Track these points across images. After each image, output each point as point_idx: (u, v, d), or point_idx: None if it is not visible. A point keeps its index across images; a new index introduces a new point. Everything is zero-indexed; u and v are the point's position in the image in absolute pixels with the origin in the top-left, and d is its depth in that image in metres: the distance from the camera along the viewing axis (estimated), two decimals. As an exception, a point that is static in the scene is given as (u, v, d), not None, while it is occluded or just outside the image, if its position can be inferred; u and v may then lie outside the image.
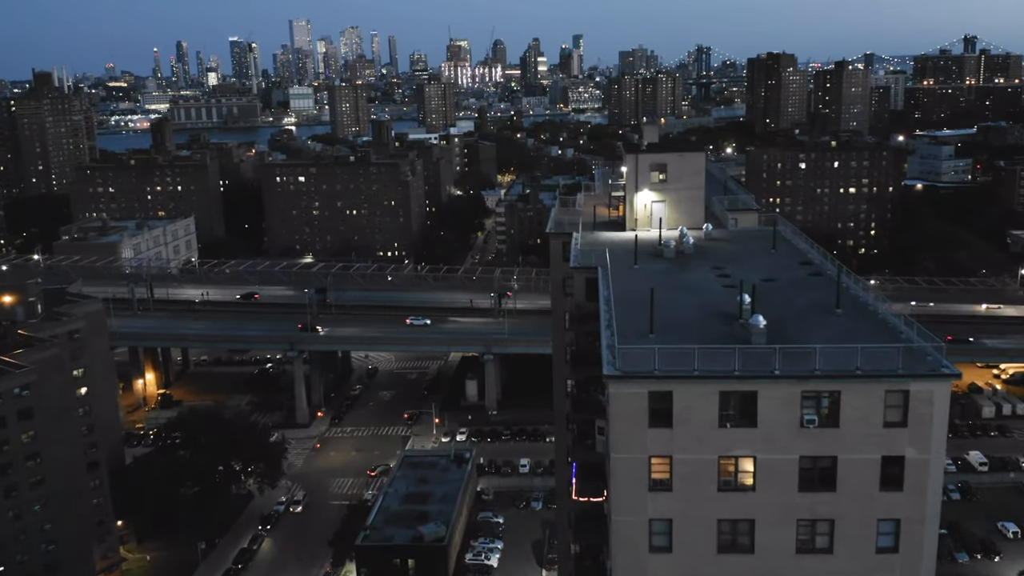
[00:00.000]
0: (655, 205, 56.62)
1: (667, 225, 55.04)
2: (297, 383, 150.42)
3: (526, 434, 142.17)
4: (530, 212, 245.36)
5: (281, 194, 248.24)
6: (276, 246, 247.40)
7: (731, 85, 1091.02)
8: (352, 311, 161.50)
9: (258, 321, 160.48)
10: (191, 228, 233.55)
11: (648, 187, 56.69)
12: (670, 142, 67.30)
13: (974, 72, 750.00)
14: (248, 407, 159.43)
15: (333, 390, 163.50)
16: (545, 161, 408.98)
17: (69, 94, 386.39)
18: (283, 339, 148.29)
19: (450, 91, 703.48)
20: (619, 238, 55.76)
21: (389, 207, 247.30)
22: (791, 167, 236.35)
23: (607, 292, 42.09)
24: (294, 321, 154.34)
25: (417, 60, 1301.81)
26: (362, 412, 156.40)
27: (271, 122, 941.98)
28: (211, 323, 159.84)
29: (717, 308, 41.70)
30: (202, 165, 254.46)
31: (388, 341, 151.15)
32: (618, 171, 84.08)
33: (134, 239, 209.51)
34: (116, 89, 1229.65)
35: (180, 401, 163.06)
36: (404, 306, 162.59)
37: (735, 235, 56.67)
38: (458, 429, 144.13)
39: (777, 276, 46.89)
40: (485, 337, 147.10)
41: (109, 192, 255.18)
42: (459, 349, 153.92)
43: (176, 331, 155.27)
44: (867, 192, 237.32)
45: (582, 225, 56.07)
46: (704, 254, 51.68)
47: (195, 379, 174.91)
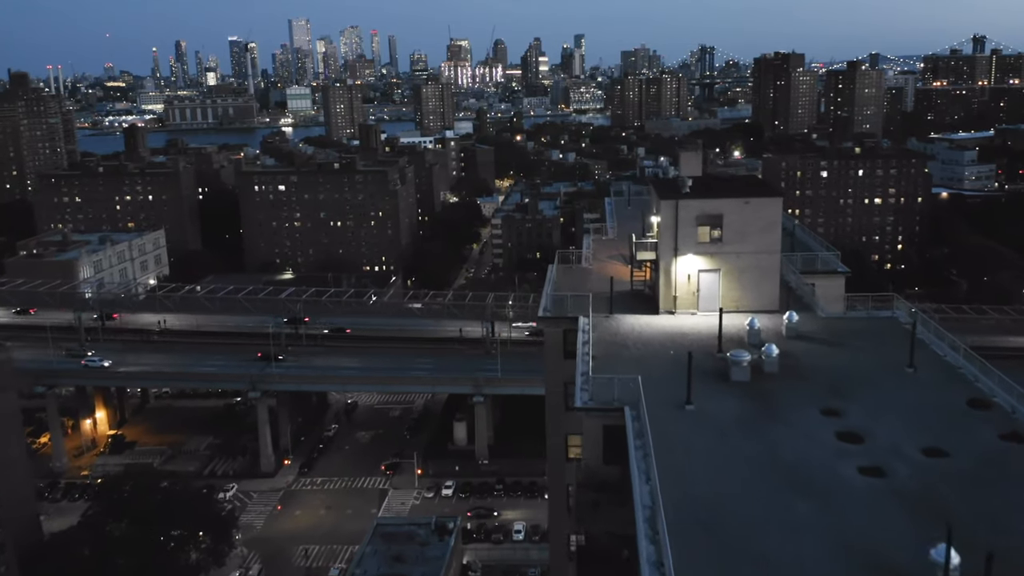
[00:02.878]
0: (704, 276, 38.71)
1: (723, 305, 36.95)
2: (261, 426, 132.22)
3: (521, 488, 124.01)
4: (529, 224, 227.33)
5: (260, 204, 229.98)
6: (254, 261, 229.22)
7: (734, 86, 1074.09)
8: (325, 342, 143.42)
9: (221, 354, 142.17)
10: (161, 242, 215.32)
11: (694, 250, 38.87)
12: (720, 179, 46.97)
13: (986, 73, 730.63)
14: (208, 451, 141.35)
15: (305, 431, 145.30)
16: (546, 166, 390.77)
17: (46, 96, 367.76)
18: (244, 377, 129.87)
19: (448, 92, 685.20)
20: (651, 332, 38.08)
21: (376, 218, 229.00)
22: (812, 175, 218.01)
23: (646, 490, 23.39)
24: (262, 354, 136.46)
25: (417, 60, 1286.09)
26: (336, 458, 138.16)
27: (268, 123, 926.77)
28: (167, 357, 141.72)
29: (879, 561, 21.45)
30: (174, 172, 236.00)
31: (364, 380, 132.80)
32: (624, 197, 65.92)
33: (95, 255, 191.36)
34: (114, 89, 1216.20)
35: (134, 443, 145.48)
36: (384, 336, 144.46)
37: (834, 330, 38.27)
38: (443, 483, 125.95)
39: (946, 443, 27.65)
40: (475, 375, 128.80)
41: (76, 202, 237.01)
42: (444, 390, 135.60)
43: (126, 367, 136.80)
44: (894, 203, 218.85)
45: (592, 303, 37.72)
46: (797, 375, 33.20)
47: (154, 416, 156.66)
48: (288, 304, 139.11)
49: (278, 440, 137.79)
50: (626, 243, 48.23)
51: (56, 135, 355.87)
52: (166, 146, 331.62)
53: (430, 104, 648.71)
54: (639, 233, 50.23)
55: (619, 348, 34.12)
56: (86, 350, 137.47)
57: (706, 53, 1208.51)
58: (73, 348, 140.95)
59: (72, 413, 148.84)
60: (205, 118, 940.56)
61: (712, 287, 38.59)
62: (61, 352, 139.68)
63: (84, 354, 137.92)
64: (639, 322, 38.99)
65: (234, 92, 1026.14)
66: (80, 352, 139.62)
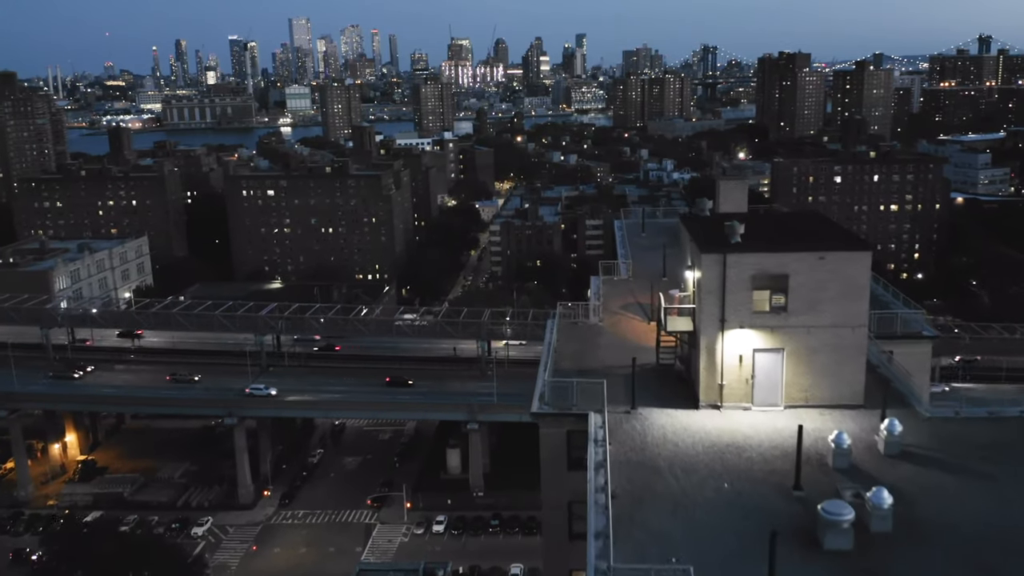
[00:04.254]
0: (762, 359, 29.29)
1: (787, 397, 27.48)
2: (239, 455, 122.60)
3: (519, 524, 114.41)
4: (528, 230, 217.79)
5: (248, 209, 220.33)
6: (243, 269, 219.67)
7: (737, 86, 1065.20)
8: (309, 362, 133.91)
9: (200, 375, 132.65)
10: (144, 249, 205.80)
11: (748, 321, 29.22)
12: (779, 220, 36.84)
13: (992, 73, 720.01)
14: (183, 479, 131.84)
15: (288, 456, 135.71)
16: (547, 168, 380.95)
17: (35, 96, 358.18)
18: (220, 403, 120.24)
19: (448, 92, 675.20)
20: (691, 443, 27.90)
21: (369, 224, 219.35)
22: (825, 181, 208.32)
23: None
24: (242, 375, 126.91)
25: (418, 59, 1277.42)
26: (320, 487, 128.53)
27: (266, 123, 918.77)
28: (138, 378, 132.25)
29: None
30: (159, 176, 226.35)
31: (350, 407, 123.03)
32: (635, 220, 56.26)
33: (71, 265, 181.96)
34: (114, 88, 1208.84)
35: (105, 469, 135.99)
36: (372, 355, 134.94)
37: (953, 439, 27.68)
38: (435, 517, 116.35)
39: None
40: (469, 400, 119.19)
41: (57, 207, 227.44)
42: (436, 416, 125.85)
43: (93, 390, 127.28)
44: (911, 209, 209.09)
45: (607, 387, 27.96)
46: (922, 538, 22.24)
47: (128, 439, 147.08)
48: (269, 321, 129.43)
49: (258, 467, 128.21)
50: (644, 286, 38.65)
51: (44, 136, 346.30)
52: (153, 148, 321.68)
53: (429, 104, 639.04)
54: (658, 270, 40.73)
55: (648, 475, 24.47)
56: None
57: (708, 53, 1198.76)
58: (60, 368, 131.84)
59: (42, 435, 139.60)
60: (203, 118, 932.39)
61: (773, 373, 29.03)
62: (48, 373, 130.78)
63: (68, 375, 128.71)
64: (673, 424, 29.24)
65: (232, 91, 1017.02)
66: (64, 373, 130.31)
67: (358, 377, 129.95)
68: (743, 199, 35.23)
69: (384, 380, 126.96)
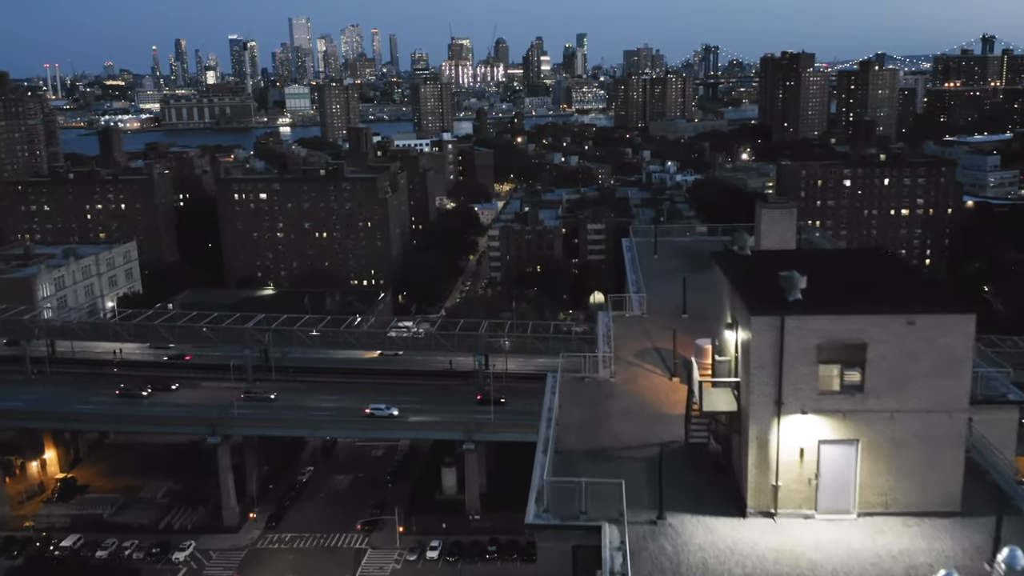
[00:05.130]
0: (831, 452, 22.96)
1: (861, 502, 21.33)
2: (223, 476, 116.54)
3: (517, 551, 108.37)
4: (528, 235, 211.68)
5: (240, 213, 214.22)
6: (234, 274, 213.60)
7: (738, 86, 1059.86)
8: (297, 376, 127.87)
9: (182, 390, 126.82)
10: (132, 254, 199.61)
11: (812, 404, 22.80)
12: (845, 262, 28.29)
13: (997, 73, 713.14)
14: (166, 499, 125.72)
15: (276, 474, 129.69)
16: (547, 170, 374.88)
17: (27, 96, 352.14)
18: (203, 421, 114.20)
19: (448, 92, 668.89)
20: (742, 573, 21.10)
21: (365, 229, 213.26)
22: (834, 184, 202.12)
23: None
24: (228, 390, 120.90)
25: (418, 59, 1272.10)
26: (309, 508, 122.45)
27: (265, 123, 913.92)
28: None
29: None
30: (149, 179, 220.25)
31: (340, 425, 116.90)
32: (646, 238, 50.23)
33: (56, 272, 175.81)
34: (113, 88, 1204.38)
35: (86, 487, 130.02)
36: (363, 370, 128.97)
37: None
38: (429, 542, 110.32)
39: None
40: (465, 419, 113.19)
41: (44, 210, 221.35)
42: (431, 436, 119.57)
43: (71, 407, 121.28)
44: (922, 214, 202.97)
45: (624, 481, 21.57)
46: None
47: (111, 455, 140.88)
48: (255, 334, 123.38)
49: (245, 486, 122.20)
50: (662, 326, 32.59)
51: (36, 137, 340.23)
52: (145, 150, 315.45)
53: (429, 104, 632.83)
54: (677, 304, 34.61)
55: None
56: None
57: (710, 53, 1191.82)
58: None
59: (20, 451, 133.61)
60: (202, 117, 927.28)
61: (844, 472, 22.50)
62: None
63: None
64: (715, 543, 22.33)
65: (231, 91, 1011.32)
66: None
67: (348, 392, 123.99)
68: (791, 232, 28.47)
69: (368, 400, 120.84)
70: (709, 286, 40.10)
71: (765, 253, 25.76)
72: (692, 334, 31.34)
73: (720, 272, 24.37)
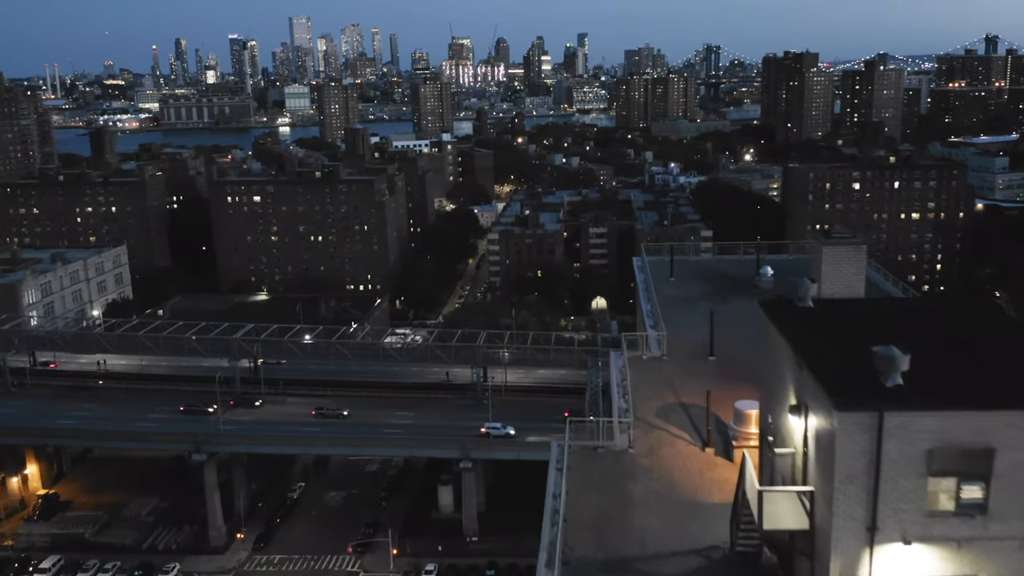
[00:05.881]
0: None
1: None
2: (209, 495, 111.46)
3: (518, 574, 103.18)
4: (529, 239, 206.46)
5: (233, 217, 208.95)
6: (227, 279, 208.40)
7: (740, 85, 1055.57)
8: (288, 389, 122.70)
9: (168, 404, 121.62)
10: (122, 259, 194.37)
11: (917, 530, 16.66)
12: (919, 319, 20.95)
13: (1001, 73, 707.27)
14: (150, 517, 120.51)
15: (266, 491, 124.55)
16: (548, 171, 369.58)
17: (20, 95, 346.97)
18: (188, 437, 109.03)
19: (447, 92, 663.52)
20: None
21: (361, 232, 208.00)
22: (843, 188, 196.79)
23: None
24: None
25: (419, 59, 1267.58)
26: (299, 527, 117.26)
27: (265, 122, 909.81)
28: (103, 406, 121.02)
29: None
30: (140, 181, 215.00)
31: (331, 442, 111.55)
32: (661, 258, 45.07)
33: (42, 277, 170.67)
34: (113, 87, 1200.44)
35: (69, 503, 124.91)
36: (356, 382, 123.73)
37: None
38: (424, 565, 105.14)
39: None
40: (462, 436, 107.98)
41: (33, 213, 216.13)
42: (427, 454, 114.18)
43: (50, 423, 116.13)
44: (933, 217, 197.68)
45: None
46: None
47: (96, 468, 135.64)
48: (243, 345, 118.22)
49: (233, 504, 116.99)
50: (687, 371, 27.44)
51: (29, 138, 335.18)
52: (138, 151, 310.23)
53: (428, 104, 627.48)
54: (702, 341, 29.47)
55: None
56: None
57: (711, 52, 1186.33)
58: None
59: (0, 466, 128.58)
60: (201, 117, 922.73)
61: None
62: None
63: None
64: None
65: (231, 91, 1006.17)
66: None
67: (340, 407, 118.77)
68: (859, 276, 22.71)
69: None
70: (739, 318, 34.98)
71: (833, 306, 20.43)
72: (724, 384, 26.22)
73: (778, 334, 18.80)
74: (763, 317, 19.79)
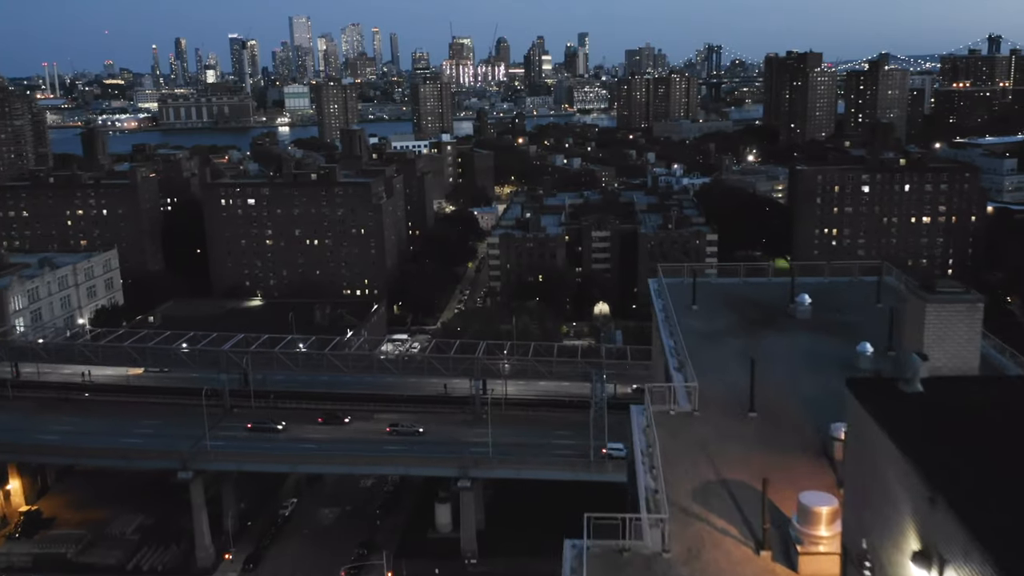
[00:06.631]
0: None
1: None
2: (196, 514, 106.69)
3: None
4: (530, 243, 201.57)
5: (227, 220, 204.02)
6: (221, 284, 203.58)
7: (741, 85, 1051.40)
8: (278, 402, 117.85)
9: (154, 418, 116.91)
10: (113, 263, 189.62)
11: None
12: None
13: (1005, 74, 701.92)
14: (136, 535, 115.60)
15: (256, 507, 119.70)
16: (549, 172, 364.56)
17: (14, 95, 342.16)
18: (173, 455, 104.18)
19: (447, 91, 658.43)
20: None
21: (358, 236, 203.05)
22: (852, 190, 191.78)
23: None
24: (198, 417, 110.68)
25: (419, 58, 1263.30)
26: (291, 547, 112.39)
27: (264, 122, 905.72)
28: (85, 420, 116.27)
29: None
30: (132, 183, 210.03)
31: (323, 460, 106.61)
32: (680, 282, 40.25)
33: (30, 283, 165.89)
34: (112, 87, 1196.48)
35: (52, 520, 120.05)
36: (351, 395, 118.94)
37: None
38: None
39: None
40: (460, 453, 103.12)
41: (23, 216, 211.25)
42: (423, 472, 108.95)
43: (31, 438, 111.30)
44: (944, 221, 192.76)
45: None
46: None
47: (80, 483, 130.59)
48: (232, 356, 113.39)
49: (222, 521, 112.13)
50: (723, 433, 22.63)
51: (23, 137, 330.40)
52: (131, 152, 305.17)
53: (428, 104, 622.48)
54: (740, 390, 24.71)
55: None
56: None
57: (712, 52, 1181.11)
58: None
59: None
60: (200, 117, 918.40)
61: None
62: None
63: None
64: None
65: (230, 90, 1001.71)
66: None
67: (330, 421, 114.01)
68: (973, 345, 17.74)
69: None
70: (778, 358, 30.16)
71: (956, 392, 15.45)
72: (772, 453, 21.41)
73: (887, 440, 13.41)
74: (855, 408, 14.83)
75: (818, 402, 25.17)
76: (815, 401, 25.54)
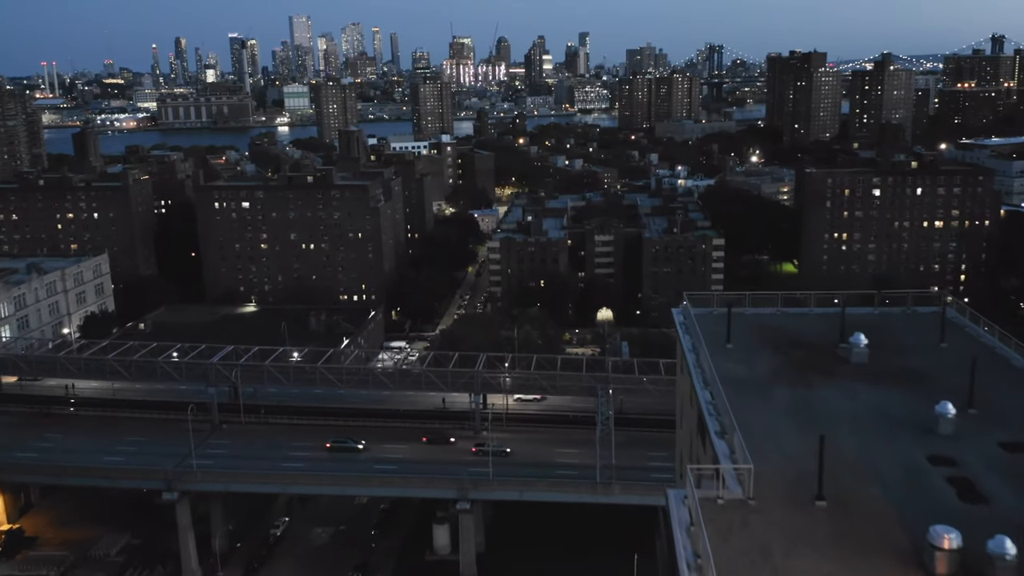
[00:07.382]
0: None
1: None
2: (183, 535, 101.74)
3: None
4: (531, 247, 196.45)
5: (221, 223, 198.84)
6: (215, 289, 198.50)
7: (743, 85, 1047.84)
8: (269, 417, 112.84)
9: (139, 434, 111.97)
10: (104, 268, 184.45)
11: None
12: None
13: (1010, 74, 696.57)
14: (121, 556, 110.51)
15: (247, 527, 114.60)
16: (550, 174, 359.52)
17: (7, 95, 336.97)
18: (157, 474, 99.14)
19: (448, 92, 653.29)
20: None
21: (355, 240, 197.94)
22: (863, 194, 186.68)
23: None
24: (183, 433, 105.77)
25: (419, 58, 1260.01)
26: (283, 568, 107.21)
27: (264, 122, 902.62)
28: (67, 436, 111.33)
29: None
30: (124, 186, 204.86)
31: (313, 481, 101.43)
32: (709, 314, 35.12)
33: (16, 289, 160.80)
34: (112, 86, 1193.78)
35: (34, 539, 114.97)
36: (346, 409, 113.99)
37: None
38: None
39: None
40: (459, 473, 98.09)
41: (12, 220, 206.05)
42: (417, 493, 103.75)
43: (8, 455, 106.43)
44: (957, 225, 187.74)
45: None
46: None
47: (65, 500, 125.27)
48: (221, 370, 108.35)
49: (210, 542, 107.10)
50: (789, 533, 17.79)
51: (16, 138, 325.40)
52: (124, 153, 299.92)
53: (428, 104, 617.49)
54: (798, 458, 19.77)
55: None
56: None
57: (714, 52, 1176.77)
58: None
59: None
60: (199, 117, 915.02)
61: None
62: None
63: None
64: None
65: (229, 90, 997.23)
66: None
67: (326, 436, 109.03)
68: None
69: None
70: (839, 417, 25.03)
71: None
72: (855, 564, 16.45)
73: None
74: None
75: (901, 485, 20.26)
76: (897, 483, 20.62)
